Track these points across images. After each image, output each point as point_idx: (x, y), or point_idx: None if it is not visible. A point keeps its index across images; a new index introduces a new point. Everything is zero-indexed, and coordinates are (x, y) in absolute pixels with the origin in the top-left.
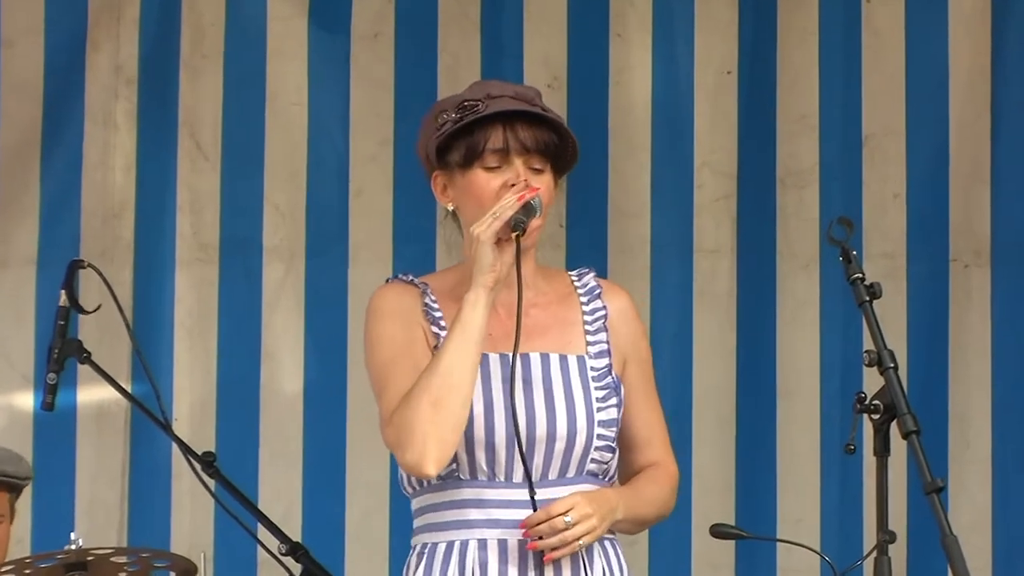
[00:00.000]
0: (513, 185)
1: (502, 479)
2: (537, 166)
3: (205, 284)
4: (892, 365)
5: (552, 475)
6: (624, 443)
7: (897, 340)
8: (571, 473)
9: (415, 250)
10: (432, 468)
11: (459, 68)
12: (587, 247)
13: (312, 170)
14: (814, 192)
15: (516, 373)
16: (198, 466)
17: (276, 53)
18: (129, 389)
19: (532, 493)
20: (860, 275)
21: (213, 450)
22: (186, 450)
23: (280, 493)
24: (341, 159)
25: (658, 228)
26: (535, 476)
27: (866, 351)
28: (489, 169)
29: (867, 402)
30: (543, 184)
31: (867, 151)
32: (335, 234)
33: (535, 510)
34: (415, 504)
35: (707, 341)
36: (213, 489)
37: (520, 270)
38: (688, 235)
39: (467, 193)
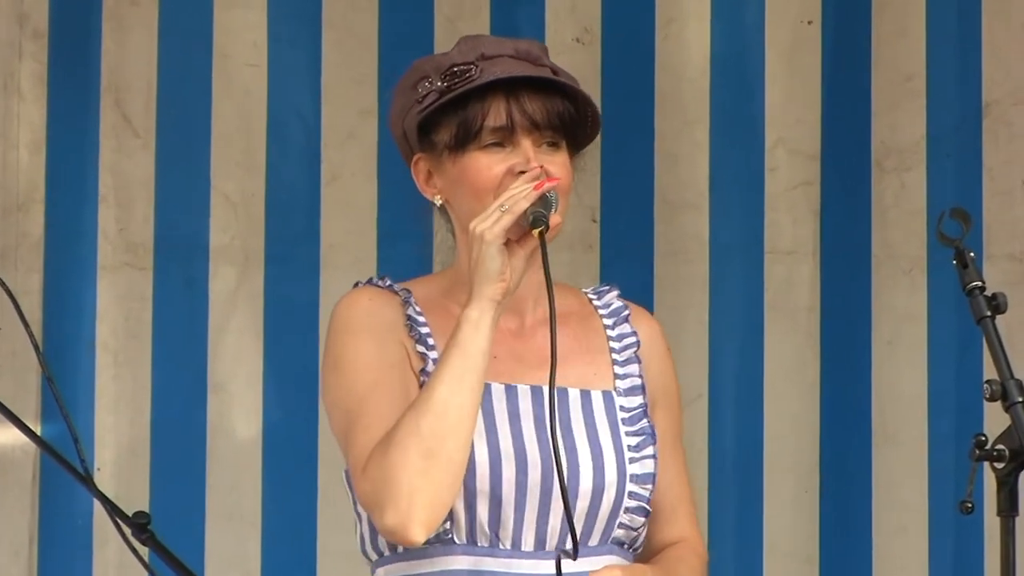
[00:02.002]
0: (522, 172)
1: (507, 546)
2: (551, 141)
3: (135, 296)
4: (1021, 399)
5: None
6: None
7: None
8: (594, 541)
9: (404, 252)
10: (420, 534)
11: (461, 19)
12: (627, 248)
13: (273, 150)
14: (920, 176)
15: (555, 410)
16: (127, 530)
17: (226, 0)
18: (38, 431)
19: (559, 568)
20: (979, 283)
21: (147, 509)
22: (112, 509)
23: (232, 564)
24: (311, 136)
25: (719, 224)
26: (550, 543)
27: (987, 381)
28: (488, 150)
29: (989, 447)
30: (559, 165)
31: (988, 123)
32: (302, 232)
33: None
34: (381, 574)
35: (783, 369)
36: (147, 559)
37: (549, 275)
38: (758, 233)
39: (461, 182)
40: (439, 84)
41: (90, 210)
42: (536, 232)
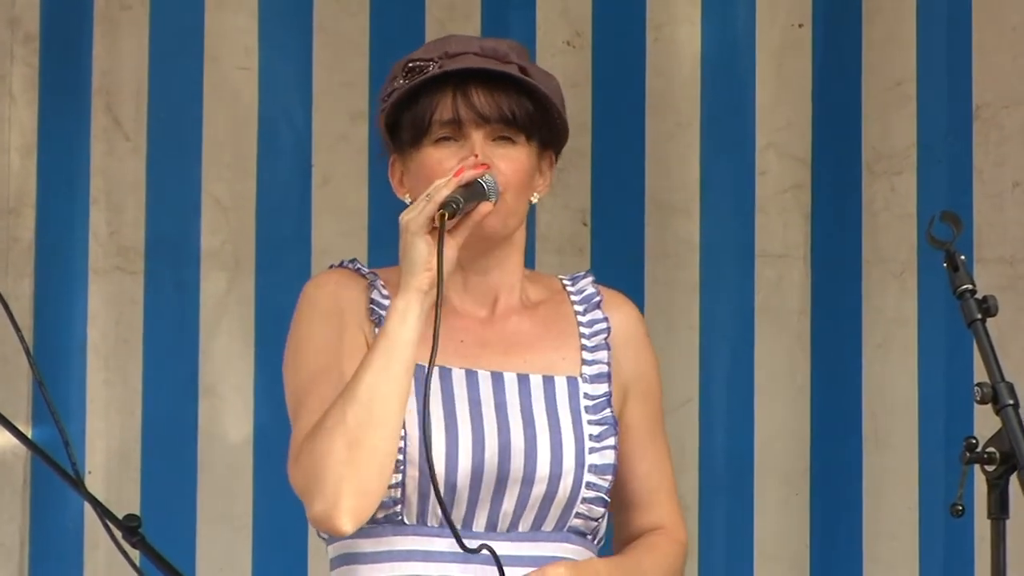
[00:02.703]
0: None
1: (457, 527)
2: (506, 136)
3: (126, 299)
4: (1011, 402)
5: (523, 526)
6: (620, 501)
7: (1018, 370)
8: (548, 527)
9: (396, 256)
10: (348, 524)
11: (453, 22)
12: (618, 251)
13: (264, 154)
14: (911, 180)
15: (431, 388)
16: (118, 533)
17: (217, 3)
18: (29, 434)
19: (500, 569)
20: (970, 286)
21: (137, 512)
22: (103, 512)
23: (224, 567)
24: (301, 140)
25: (709, 227)
26: (501, 525)
27: (977, 384)
28: (439, 145)
29: (979, 450)
30: (514, 160)
31: (979, 126)
32: (293, 236)
33: (501, 572)
34: (333, 551)
35: (773, 372)
36: (137, 563)
37: (441, 259)
38: (748, 236)
39: (418, 178)
40: (400, 82)
41: (81, 214)
42: (438, 213)
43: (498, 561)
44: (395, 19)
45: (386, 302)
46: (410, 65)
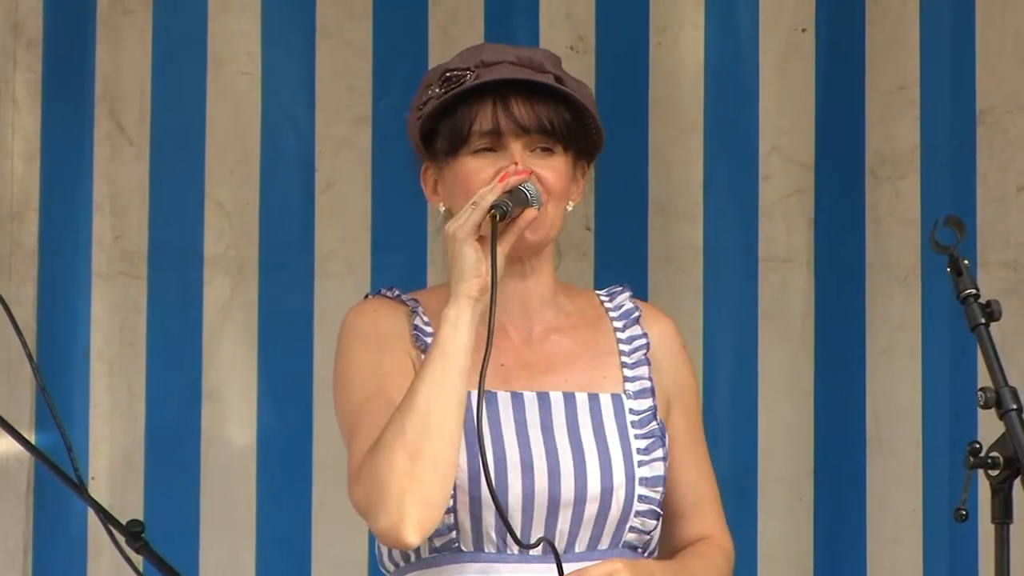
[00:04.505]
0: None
1: (515, 551)
2: (545, 146)
3: (129, 304)
4: (1015, 407)
5: (580, 546)
6: (667, 512)
7: (1022, 375)
8: (604, 544)
9: (400, 262)
10: (414, 536)
11: (456, 26)
12: (621, 256)
13: (267, 158)
14: (914, 185)
15: (483, 408)
16: (122, 539)
17: (220, 7)
18: (32, 440)
19: (559, 563)
20: (974, 291)
21: (141, 518)
22: (106, 518)
23: (227, 573)
24: (305, 144)
25: (713, 232)
26: (558, 546)
27: (981, 389)
28: (478, 155)
29: (983, 454)
30: (551, 170)
31: (983, 131)
32: (296, 241)
33: (560, 571)
34: None
35: (777, 378)
36: (141, 568)
37: (495, 260)
38: (752, 241)
39: (455, 188)
40: (436, 91)
41: (84, 219)
42: (490, 214)
43: (557, 557)
44: (398, 23)
45: (429, 328)
46: (447, 74)
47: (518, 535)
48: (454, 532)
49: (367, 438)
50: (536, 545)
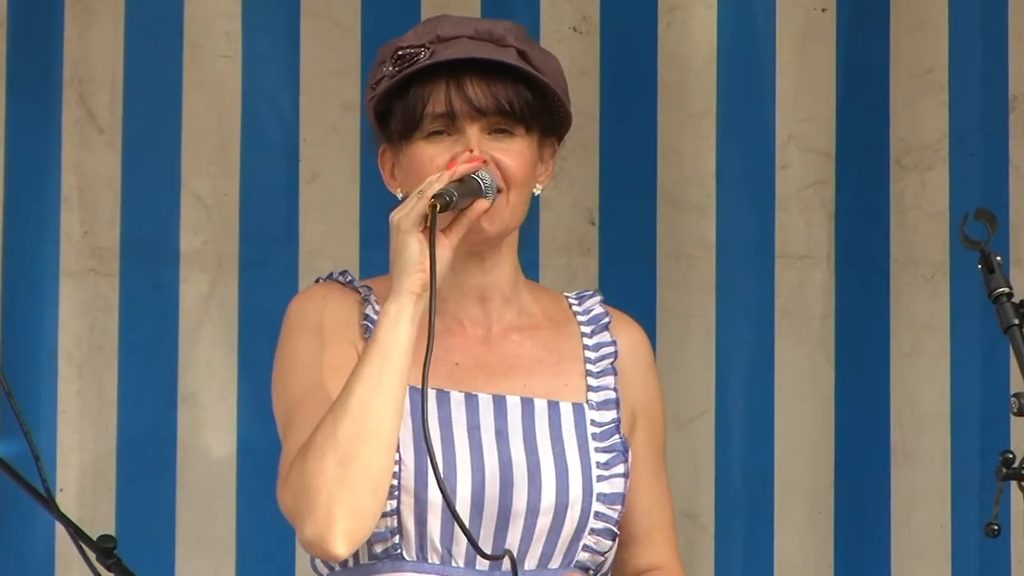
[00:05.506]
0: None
1: (460, 563)
2: (504, 128)
3: (100, 303)
4: None
5: (530, 563)
6: (619, 536)
7: None
8: (555, 563)
9: (388, 256)
10: (342, 547)
11: (450, 6)
12: (628, 252)
13: (248, 147)
14: (942, 175)
15: (427, 407)
16: (92, 555)
17: None
18: None
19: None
20: (1006, 289)
21: (113, 533)
22: (76, 533)
23: None
24: (288, 132)
25: (726, 226)
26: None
27: (1014, 395)
28: (432, 139)
29: (1016, 465)
30: (512, 154)
31: (1015, 118)
32: (279, 235)
33: None
34: None
35: (795, 381)
36: None
37: (434, 254)
38: (768, 236)
39: (409, 173)
40: (389, 69)
41: (52, 212)
42: (430, 203)
43: (514, 566)
44: (388, 2)
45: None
46: (399, 52)
47: (464, 545)
48: (396, 537)
49: (301, 434)
50: (500, 558)
